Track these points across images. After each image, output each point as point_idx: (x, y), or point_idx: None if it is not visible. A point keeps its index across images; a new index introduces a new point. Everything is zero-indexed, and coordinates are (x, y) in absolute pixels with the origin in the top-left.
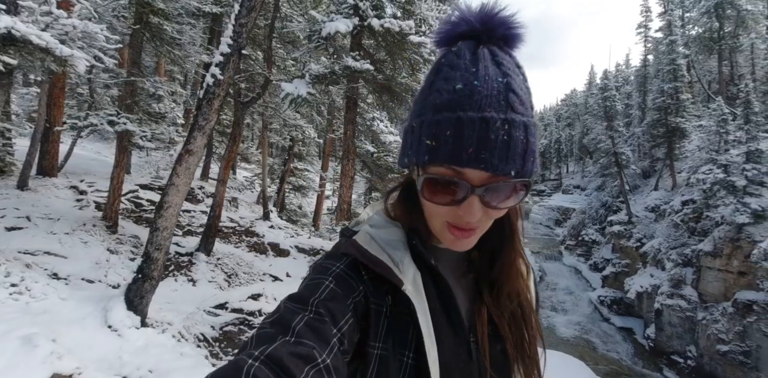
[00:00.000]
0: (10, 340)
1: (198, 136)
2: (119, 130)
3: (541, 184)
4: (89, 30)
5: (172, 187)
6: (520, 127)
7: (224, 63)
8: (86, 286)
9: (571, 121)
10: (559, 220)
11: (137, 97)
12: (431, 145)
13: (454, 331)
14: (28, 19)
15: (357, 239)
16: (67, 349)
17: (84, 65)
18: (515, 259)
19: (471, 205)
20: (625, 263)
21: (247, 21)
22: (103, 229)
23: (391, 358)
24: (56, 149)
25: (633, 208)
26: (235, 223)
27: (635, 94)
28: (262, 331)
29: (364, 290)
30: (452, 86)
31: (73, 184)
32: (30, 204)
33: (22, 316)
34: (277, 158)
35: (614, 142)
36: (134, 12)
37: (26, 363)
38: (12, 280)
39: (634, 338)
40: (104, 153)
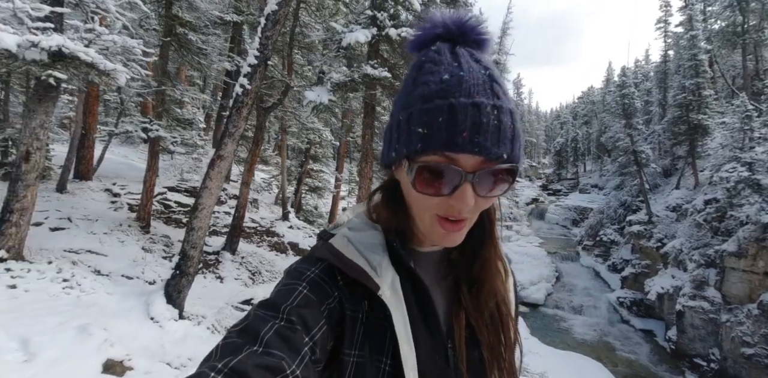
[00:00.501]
0: (67, 330)
1: (228, 142)
2: (152, 137)
3: (557, 184)
4: (127, 44)
5: (205, 190)
6: (507, 113)
7: (252, 73)
8: (126, 282)
9: (588, 119)
10: (576, 220)
11: (166, 105)
12: (424, 133)
13: (432, 336)
14: (74, 36)
15: (333, 243)
16: (116, 338)
17: (125, 78)
18: (494, 257)
19: (464, 193)
20: (645, 264)
21: (272, 33)
22: (137, 229)
23: (367, 365)
24: (91, 154)
25: (653, 208)
26: (257, 224)
27: (655, 91)
28: (228, 340)
29: (339, 296)
30: (439, 78)
31: (107, 187)
32: (70, 206)
33: (75, 308)
34: (294, 160)
35: (633, 140)
36: (164, 25)
37: (83, 350)
38: (64, 276)
39: (654, 340)
40: (131, 156)
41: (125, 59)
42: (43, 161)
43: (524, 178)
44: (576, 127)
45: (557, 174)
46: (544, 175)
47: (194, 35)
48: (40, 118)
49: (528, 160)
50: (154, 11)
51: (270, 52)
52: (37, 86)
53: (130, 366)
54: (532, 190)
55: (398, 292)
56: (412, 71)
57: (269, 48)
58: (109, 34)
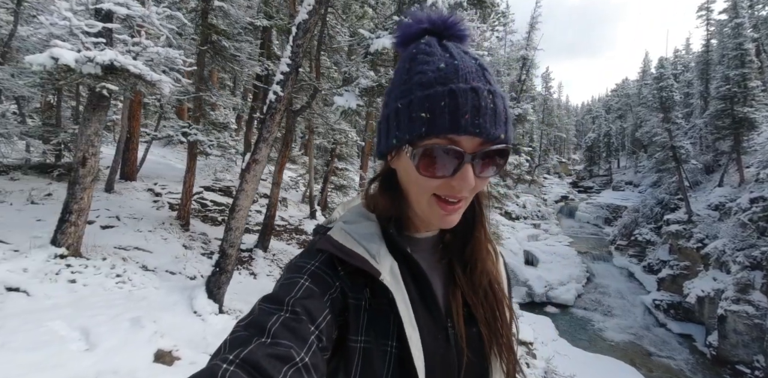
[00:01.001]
0: (122, 321)
1: (263, 146)
2: (191, 140)
3: (588, 181)
4: (170, 55)
5: (242, 193)
6: (500, 97)
7: (284, 81)
8: (170, 277)
9: (622, 113)
10: (609, 218)
11: (203, 110)
12: (427, 118)
13: (432, 317)
14: (123, 50)
15: (332, 234)
16: (165, 330)
17: (169, 88)
18: (484, 238)
19: (466, 173)
20: (684, 265)
21: (303, 42)
22: (177, 227)
23: (374, 350)
24: (135, 156)
25: (693, 206)
26: (286, 222)
27: (696, 82)
28: (235, 334)
29: (340, 286)
30: (435, 66)
31: (149, 186)
32: (117, 205)
33: (127, 301)
34: (320, 159)
35: (672, 134)
36: (200, 33)
37: (135, 340)
38: (117, 272)
39: (693, 346)
40: (169, 157)
41: (168, 69)
42: (97, 165)
43: (553, 174)
44: (609, 121)
45: (588, 170)
46: (575, 172)
47: (228, 42)
48: (94, 126)
49: (557, 157)
50: (191, 21)
51: (301, 60)
52: (90, 97)
53: (178, 356)
54: (561, 187)
55: (398, 277)
56: (404, 63)
57: (300, 56)
58: (154, 46)
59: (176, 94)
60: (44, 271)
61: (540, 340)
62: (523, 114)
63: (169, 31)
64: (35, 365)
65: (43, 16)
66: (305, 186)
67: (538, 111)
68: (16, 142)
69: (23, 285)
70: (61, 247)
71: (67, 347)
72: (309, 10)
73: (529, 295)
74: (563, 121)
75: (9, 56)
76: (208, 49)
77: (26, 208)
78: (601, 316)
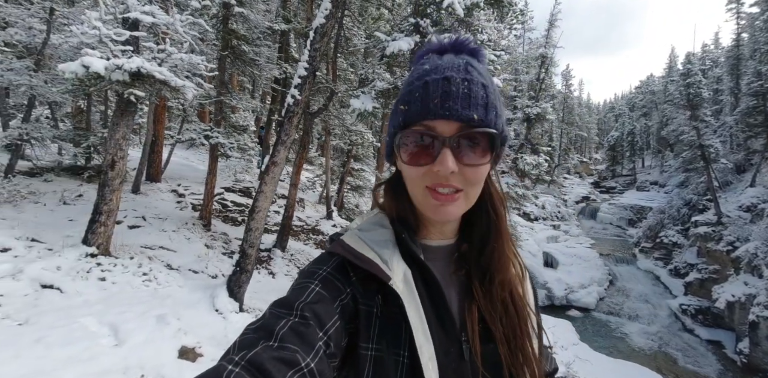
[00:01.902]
0: (148, 318)
1: (281, 149)
2: (213, 143)
3: (611, 181)
4: (193, 61)
5: (261, 194)
6: (479, 85)
7: (301, 84)
8: (193, 276)
9: (647, 111)
10: (633, 220)
11: (224, 113)
12: (404, 109)
13: (445, 330)
14: (149, 57)
15: (344, 239)
16: (188, 327)
17: (192, 93)
18: (504, 246)
19: (444, 156)
20: (713, 269)
21: (320, 46)
22: (200, 227)
23: (386, 359)
24: (160, 159)
25: (723, 207)
26: (303, 223)
27: (726, 78)
28: (244, 336)
29: (351, 292)
30: (421, 69)
31: (173, 188)
32: (143, 206)
33: (153, 299)
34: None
35: (700, 133)
36: (221, 39)
37: (161, 336)
38: (143, 270)
39: (722, 352)
40: (191, 158)
41: (191, 74)
42: (125, 168)
43: (573, 174)
44: (633, 119)
45: (611, 170)
46: (596, 172)
47: (247, 47)
48: (122, 131)
49: (578, 156)
50: (213, 27)
51: (318, 64)
52: (119, 102)
53: (201, 353)
54: (582, 187)
55: (411, 284)
56: (407, 77)
57: (317, 59)
58: (178, 52)
59: (199, 98)
60: (76, 269)
61: (560, 344)
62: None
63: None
64: (69, 359)
65: (74, 25)
66: (322, 187)
67: (558, 110)
68: (49, 145)
69: (57, 282)
70: (92, 247)
71: (97, 342)
72: (326, 14)
73: (548, 298)
74: (584, 119)
75: (42, 63)
76: (229, 54)
77: (59, 208)
78: (624, 321)
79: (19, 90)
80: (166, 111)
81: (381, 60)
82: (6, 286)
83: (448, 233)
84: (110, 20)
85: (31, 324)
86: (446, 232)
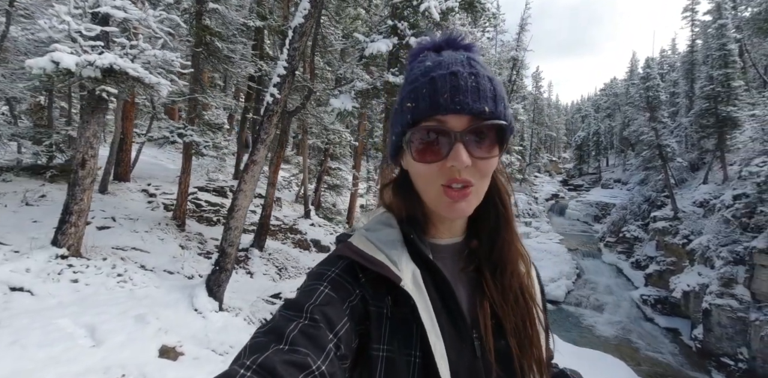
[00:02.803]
0: (127, 319)
1: (261, 148)
2: (187, 141)
3: (578, 179)
4: (167, 58)
5: (240, 193)
6: (485, 78)
7: (281, 83)
8: (168, 277)
9: (611, 112)
10: (598, 215)
11: (198, 110)
12: (412, 107)
13: (456, 328)
14: (120, 52)
15: (353, 241)
16: (168, 326)
17: (167, 90)
18: (513, 239)
19: (457, 151)
20: (671, 261)
21: (299, 45)
22: (174, 228)
23: (398, 360)
24: (129, 157)
25: (679, 203)
26: (281, 222)
27: (682, 82)
28: (255, 340)
29: (361, 293)
30: (423, 65)
31: (143, 187)
32: (112, 206)
33: (130, 300)
34: (314, 159)
35: (658, 133)
36: (195, 35)
37: (141, 336)
38: (118, 271)
39: (679, 339)
40: (160, 157)
41: (165, 71)
42: (96, 167)
43: (544, 173)
44: (598, 120)
45: (578, 169)
46: (565, 170)
47: (222, 43)
48: (93, 128)
49: (548, 155)
50: (186, 22)
51: (297, 63)
52: (89, 99)
53: (182, 352)
54: (552, 185)
55: (420, 285)
56: (405, 76)
57: (297, 59)
58: (152, 49)
59: (172, 95)
60: (47, 271)
61: None
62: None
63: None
64: (48, 360)
65: (42, 19)
66: (298, 186)
67: (528, 110)
68: (8, 143)
69: (27, 285)
70: (62, 248)
71: (76, 343)
72: (305, 13)
73: None
74: (553, 120)
75: (1, 57)
76: (203, 51)
77: (21, 209)
78: (590, 312)
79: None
80: (135, 108)
81: (360, 60)
82: None
83: (456, 231)
84: (79, 15)
85: (3, 326)
86: (455, 230)
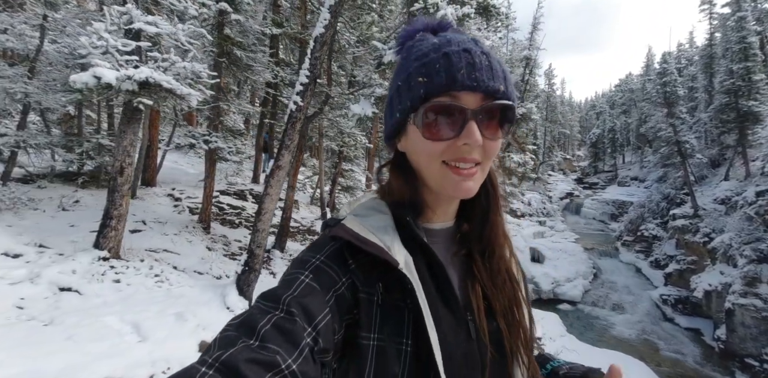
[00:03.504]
0: (167, 316)
1: (285, 153)
2: (212, 147)
3: (593, 177)
4: (195, 70)
5: (267, 197)
6: (495, 60)
7: (303, 91)
8: (199, 277)
9: (626, 108)
10: (615, 214)
11: (222, 117)
12: (424, 81)
13: (452, 312)
14: (153, 66)
15: (346, 223)
16: (205, 323)
17: (196, 100)
18: (501, 222)
19: (471, 129)
20: (691, 260)
21: (320, 54)
22: (200, 230)
23: (388, 348)
24: (155, 163)
25: (699, 201)
26: (299, 223)
27: (700, 77)
28: (225, 333)
29: (350, 280)
30: (429, 42)
31: (169, 192)
32: (142, 210)
33: (168, 299)
34: (328, 161)
35: (676, 129)
36: (217, 45)
37: (181, 332)
38: (155, 272)
39: (701, 340)
40: (180, 162)
41: (192, 81)
42: (132, 174)
43: (557, 171)
44: (613, 117)
45: (593, 167)
46: (579, 168)
47: (242, 52)
48: (129, 138)
49: (561, 153)
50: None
51: (319, 71)
52: (125, 111)
53: None
54: (566, 183)
55: (413, 271)
56: (402, 54)
57: (318, 67)
58: (182, 61)
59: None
60: (91, 272)
61: (548, 336)
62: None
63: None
64: (100, 354)
65: (83, 36)
66: (312, 188)
67: (541, 108)
68: (43, 151)
69: (74, 285)
70: (104, 250)
71: (123, 339)
72: (325, 23)
73: (536, 292)
74: (567, 117)
75: (37, 70)
76: (225, 60)
77: (58, 214)
78: (608, 312)
79: (15, 97)
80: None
81: (378, 68)
82: (26, 290)
83: (450, 215)
84: (115, 31)
85: (56, 324)
86: (449, 214)
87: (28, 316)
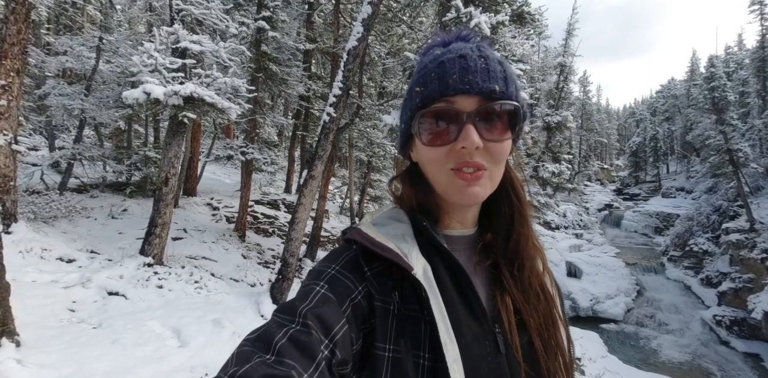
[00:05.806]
0: (206, 322)
1: (318, 163)
2: (249, 158)
3: (634, 187)
4: (235, 84)
5: (300, 206)
6: (495, 61)
7: (336, 103)
8: (234, 284)
9: (669, 115)
10: (659, 227)
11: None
12: (421, 90)
13: (476, 321)
14: (197, 82)
15: (362, 228)
16: (241, 330)
17: (236, 114)
18: (529, 232)
19: (468, 132)
20: (748, 278)
21: (353, 66)
22: (236, 239)
23: (404, 361)
24: (196, 174)
25: (756, 213)
26: (329, 233)
27: (753, 80)
28: (242, 349)
29: (366, 289)
30: (432, 55)
31: (207, 201)
32: (183, 218)
33: (206, 305)
34: (357, 171)
35: (727, 137)
36: (255, 61)
37: (219, 339)
38: (195, 278)
39: (761, 366)
40: (217, 173)
41: (232, 96)
42: (176, 184)
43: (594, 181)
44: (655, 124)
45: (634, 177)
46: (618, 178)
47: (278, 67)
48: (174, 150)
49: (598, 163)
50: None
51: (351, 83)
52: (171, 124)
53: None
54: (604, 194)
55: (431, 281)
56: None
57: (351, 79)
58: (223, 77)
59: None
60: (137, 277)
61: (588, 356)
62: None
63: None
64: (143, 358)
65: (135, 56)
66: (342, 198)
67: (576, 116)
68: (96, 163)
69: (121, 290)
70: (149, 257)
71: (165, 343)
72: (358, 37)
73: (573, 309)
74: (603, 125)
75: (93, 88)
76: (262, 75)
77: (108, 222)
78: (654, 333)
79: (73, 113)
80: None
81: (409, 78)
82: (78, 294)
83: (468, 222)
84: (162, 49)
85: (104, 327)
86: (467, 221)
87: (78, 319)
